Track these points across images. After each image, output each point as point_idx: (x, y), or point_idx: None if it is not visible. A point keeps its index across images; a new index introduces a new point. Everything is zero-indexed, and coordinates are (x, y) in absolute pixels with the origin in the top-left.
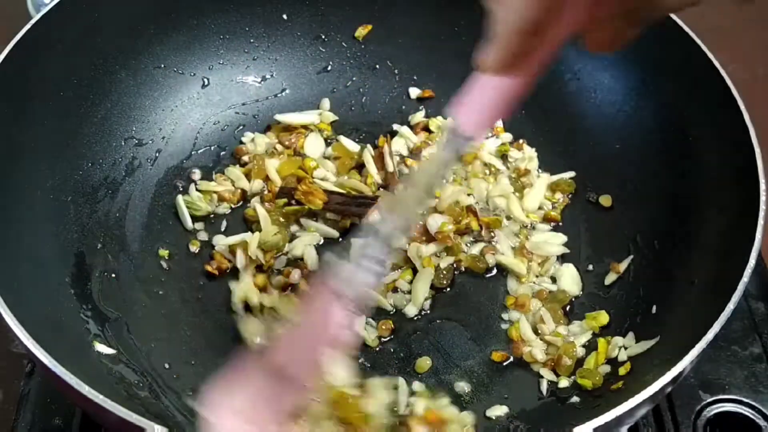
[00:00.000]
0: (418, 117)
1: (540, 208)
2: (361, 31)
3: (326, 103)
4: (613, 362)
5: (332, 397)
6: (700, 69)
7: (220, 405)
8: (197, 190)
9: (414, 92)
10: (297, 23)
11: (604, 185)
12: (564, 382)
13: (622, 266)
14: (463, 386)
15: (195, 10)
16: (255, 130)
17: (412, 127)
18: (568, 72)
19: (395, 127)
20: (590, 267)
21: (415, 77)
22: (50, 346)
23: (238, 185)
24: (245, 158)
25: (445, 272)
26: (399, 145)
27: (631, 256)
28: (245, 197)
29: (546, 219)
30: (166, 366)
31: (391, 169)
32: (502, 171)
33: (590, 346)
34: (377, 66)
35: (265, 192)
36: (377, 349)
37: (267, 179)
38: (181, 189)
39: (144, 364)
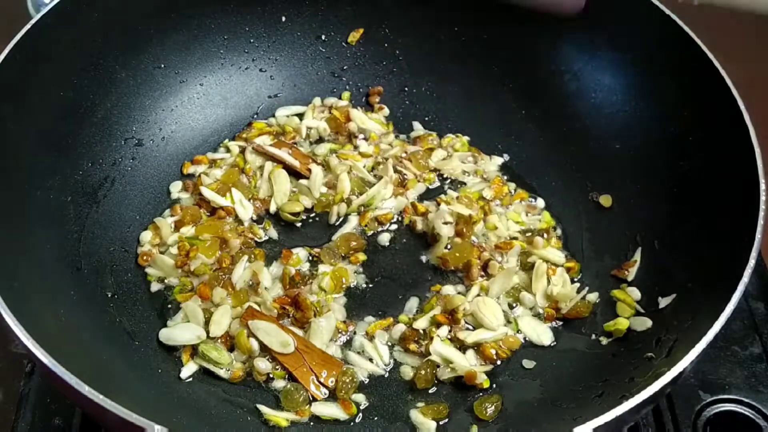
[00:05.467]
0: (419, 131)
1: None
2: (354, 35)
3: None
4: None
5: None
6: (700, 69)
7: None
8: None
9: (417, 126)
10: (297, 23)
11: (604, 185)
12: None
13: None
14: None
15: (195, 11)
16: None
17: (412, 141)
18: (568, 72)
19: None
20: (591, 266)
21: (415, 77)
22: (50, 346)
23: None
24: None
25: None
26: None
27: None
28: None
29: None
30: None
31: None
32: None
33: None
34: (377, 66)
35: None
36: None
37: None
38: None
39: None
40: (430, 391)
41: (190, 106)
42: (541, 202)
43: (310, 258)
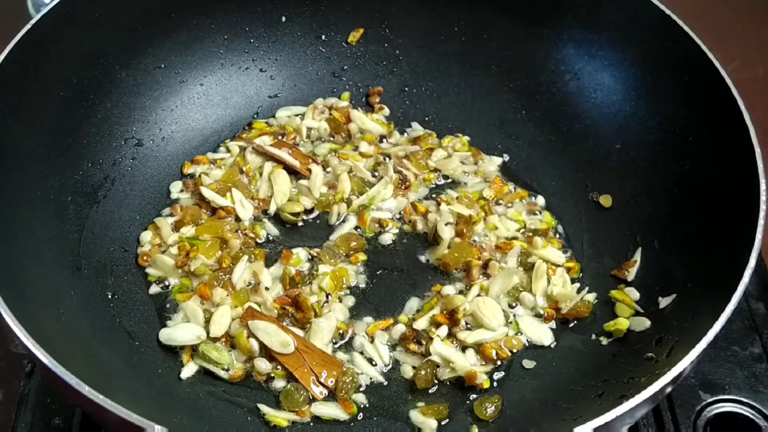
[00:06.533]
0: (418, 131)
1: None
2: (354, 35)
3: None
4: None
5: None
6: (700, 69)
7: None
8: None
9: (416, 126)
10: (297, 23)
11: (604, 185)
12: None
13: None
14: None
15: (195, 11)
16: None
17: (412, 140)
18: (568, 72)
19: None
20: (591, 266)
21: (415, 77)
22: (50, 346)
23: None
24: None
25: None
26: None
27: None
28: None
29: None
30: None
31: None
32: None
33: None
34: (377, 66)
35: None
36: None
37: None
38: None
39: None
40: (430, 391)
41: (190, 106)
42: (541, 200)
43: (311, 258)
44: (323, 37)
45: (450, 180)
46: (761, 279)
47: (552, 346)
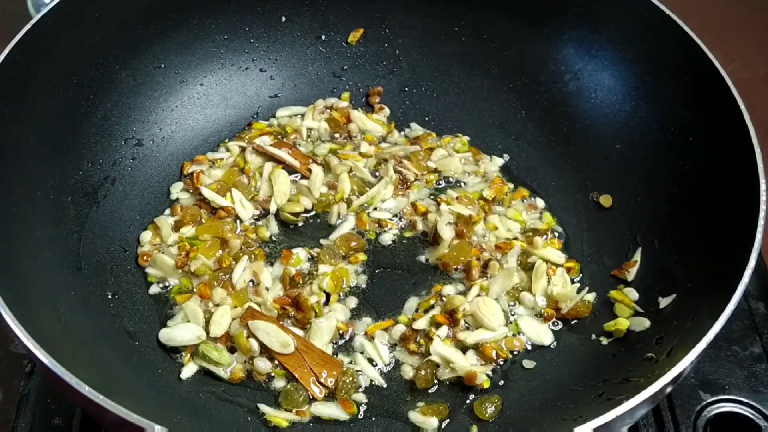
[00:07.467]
0: (418, 131)
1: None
2: (354, 35)
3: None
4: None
5: None
6: (700, 69)
7: None
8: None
9: (415, 127)
10: (297, 23)
11: (604, 185)
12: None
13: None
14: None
15: (195, 11)
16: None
17: (412, 140)
18: (568, 72)
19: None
20: (591, 266)
21: (415, 77)
22: (50, 346)
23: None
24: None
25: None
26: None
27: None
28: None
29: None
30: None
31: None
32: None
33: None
34: (377, 66)
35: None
36: None
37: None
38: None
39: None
40: (430, 391)
41: (190, 106)
42: (541, 202)
43: (311, 258)
44: (323, 37)
45: (450, 180)
46: (761, 279)
47: (552, 346)
